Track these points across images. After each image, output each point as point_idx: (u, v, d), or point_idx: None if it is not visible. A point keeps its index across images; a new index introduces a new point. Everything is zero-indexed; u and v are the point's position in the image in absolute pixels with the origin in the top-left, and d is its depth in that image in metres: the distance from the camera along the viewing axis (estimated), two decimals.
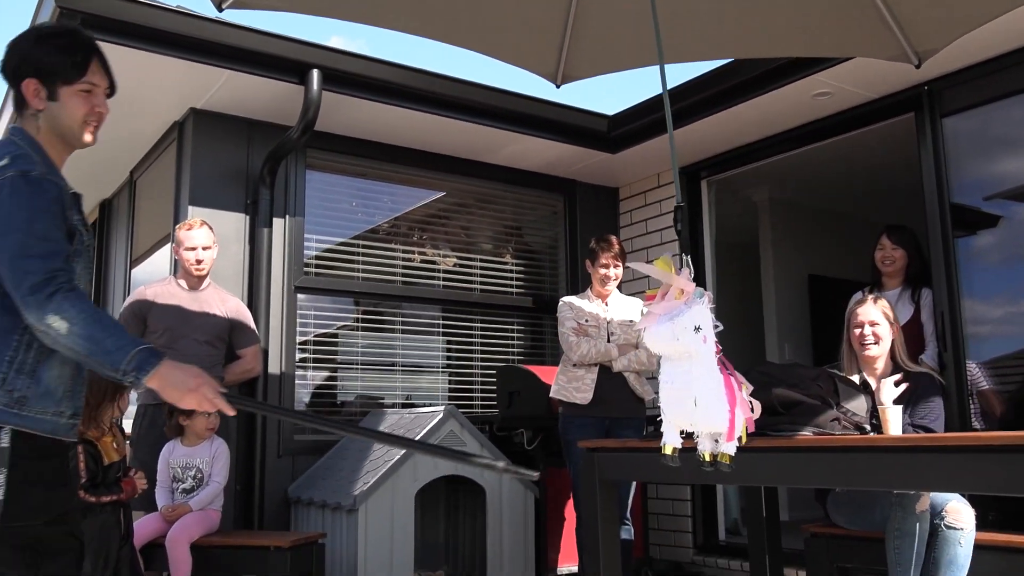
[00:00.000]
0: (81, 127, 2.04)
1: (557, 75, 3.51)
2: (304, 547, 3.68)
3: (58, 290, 1.83)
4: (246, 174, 4.80)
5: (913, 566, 3.14)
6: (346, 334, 5.22)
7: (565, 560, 4.75)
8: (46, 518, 1.87)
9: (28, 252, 1.84)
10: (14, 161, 1.92)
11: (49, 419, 1.91)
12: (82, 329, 1.82)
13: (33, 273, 1.83)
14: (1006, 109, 4.24)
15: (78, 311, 1.83)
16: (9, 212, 1.86)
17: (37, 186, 1.90)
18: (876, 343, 3.49)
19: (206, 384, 1.90)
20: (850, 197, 6.96)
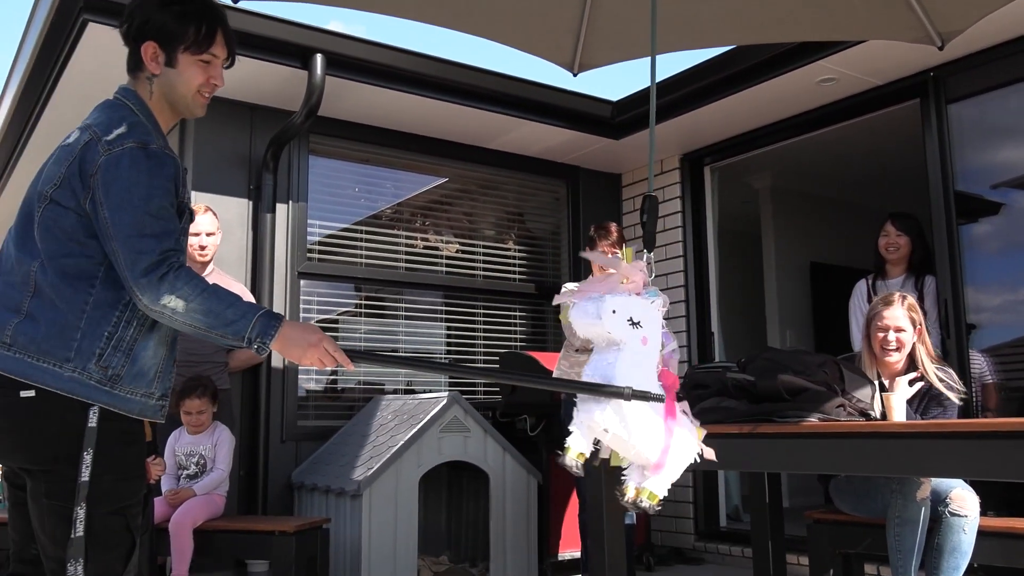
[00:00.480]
0: (195, 97, 2.00)
1: (574, 63, 3.47)
2: (309, 532, 3.69)
3: (169, 270, 1.80)
4: (249, 159, 4.79)
5: (915, 553, 3.15)
6: (349, 320, 5.22)
7: (567, 546, 4.77)
8: (108, 508, 1.82)
9: (143, 231, 1.80)
10: (132, 130, 1.87)
11: (138, 400, 1.88)
12: (200, 304, 1.80)
13: (147, 254, 1.79)
14: (1012, 96, 4.23)
15: (192, 288, 1.80)
16: (128, 187, 1.81)
17: (157, 160, 1.85)
18: (898, 350, 3.37)
19: (325, 340, 1.87)
20: (852, 184, 6.95)
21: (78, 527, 1.77)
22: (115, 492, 1.83)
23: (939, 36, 3.29)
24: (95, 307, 1.83)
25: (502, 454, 4.40)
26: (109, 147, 1.83)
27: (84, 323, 1.82)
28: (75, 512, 1.77)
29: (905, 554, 3.15)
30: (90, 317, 1.83)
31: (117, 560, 1.84)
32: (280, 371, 4.70)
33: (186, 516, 3.63)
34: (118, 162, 1.82)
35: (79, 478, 1.77)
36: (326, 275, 5.03)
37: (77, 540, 1.76)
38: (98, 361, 1.81)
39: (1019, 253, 4.26)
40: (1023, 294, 4.23)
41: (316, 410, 4.98)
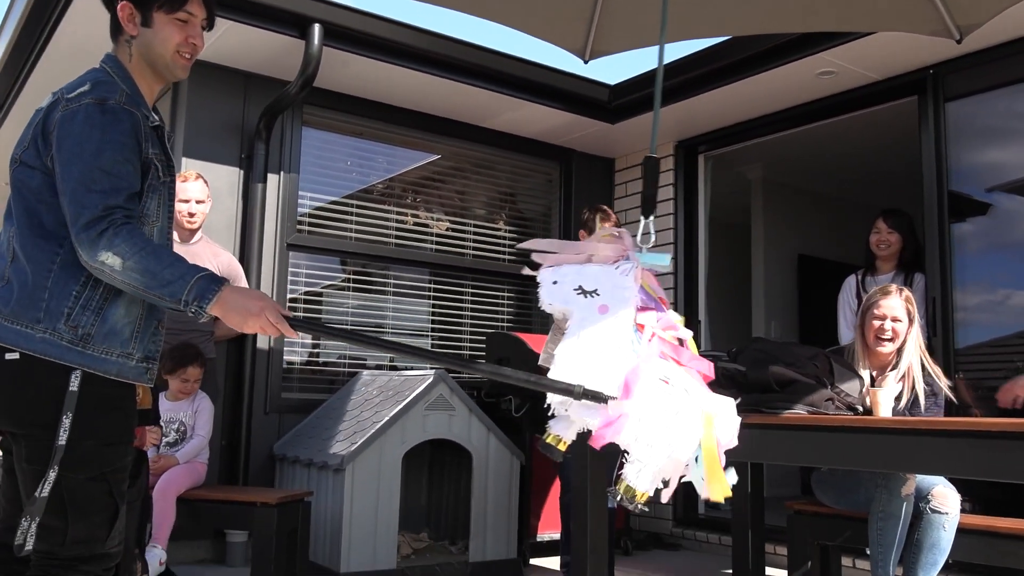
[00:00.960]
0: (174, 57, 1.97)
1: (586, 50, 3.43)
2: (291, 504, 3.68)
3: (110, 226, 1.76)
4: (242, 127, 4.73)
5: (895, 547, 3.18)
6: (336, 294, 5.19)
7: (546, 527, 4.79)
8: (89, 474, 1.80)
9: (89, 186, 1.77)
10: (94, 88, 1.85)
11: (115, 360, 1.84)
12: (137, 263, 1.75)
13: (89, 208, 1.76)
14: (1010, 96, 4.24)
15: (130, 245, 1.75)
16: (78, 142, 1.79)
17: (112, 115, 1.82)
18: (892, 339, 3.35)
19: (268, 307, 1.82)
20: (844, 179, 6.97)
21: (44, 488, 1.75)
22: (97, 457, 1.81)
23: (957, 29, 3.25)
24: (62, 267, 1.81)
25: (486, 434, 4.39)
26: (68, 104, 1.83)
27: (51, 283, 1.80)
28: (46, 474, 1.75)
29: (886, 548, 3.18)
30: (57, 277, 1.81)
31: (99, 526, 1.82)
32: (266, 342, 4.67)
33: (170, 484, 3.61)
34: (73, 117, 1.81)
35: (56, 441, 1.75)
36: (315, 248, 4.99)
37: (40, 500, 1.74)
38: (67, 321, 1.79)
39: (1006, 254, 4.28)
40: (1007, 295, 4.26)
41: (300, 383, 4.95)
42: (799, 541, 3.72)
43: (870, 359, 3.43)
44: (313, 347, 5.13)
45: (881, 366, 3.44)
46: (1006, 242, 4.27)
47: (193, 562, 4.37)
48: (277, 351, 4.73)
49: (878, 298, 3.40)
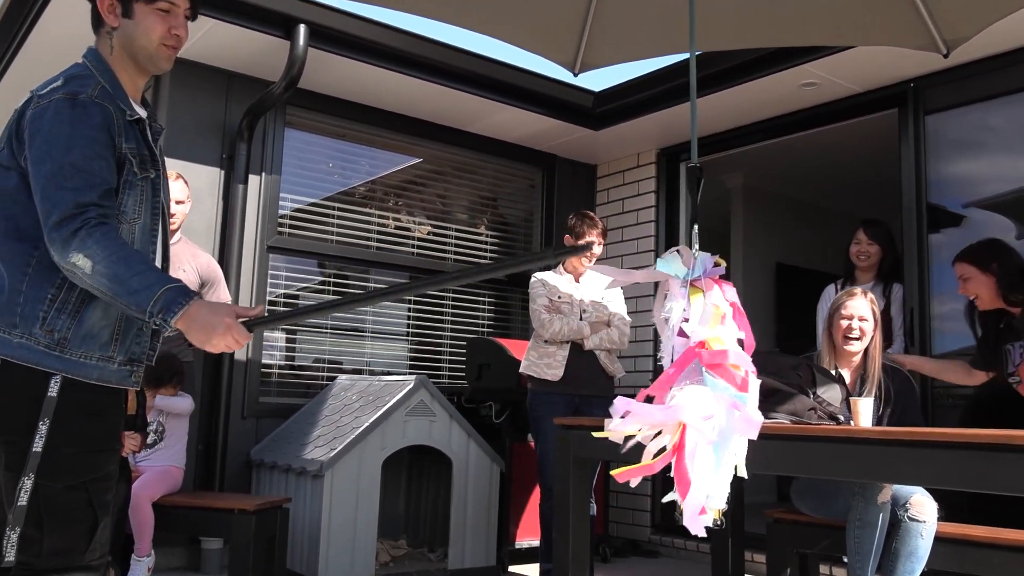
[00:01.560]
0: (157, 49, 1.91)
1: (576, 63, 3.44)
2: (269, 511, 3.63)
3: (83, 226, 1.69)
4: (223, 127, 4.69)
5: (872, 555, 3.20)
6: (316, 297, 5.15)
7: (525, 534, 4.77)
8: (68, 482, 1.74)
9: (60, 184, 1.71)
10: (67, 82, 1.79)
11: (95, 364, 1.79)
12: (105, 268, 1.68)
13: (61, 206, 1.69)
14: (988, 111, 4.29)
15: (102, 248, 1.68)
16: (47, 139, 1.73)
17: (82, 110, 1.76)
18: (859, 338, 3.46)
19: (235, 327, 1.76)
20: (823, 189, 7.03)
21: (21, 496, 1.70)
22: (76, 466, 1.75)
23: (944, 43, 3.31)
24: (37, 270, 1.76)
25: (467, 440, 4.38)
26: (39, 100, 1.78)
27: (26, 286, 1.75)
28: (21, 481, 1.70)
29: (863, 556, 3.20)
30: (32, 280, 1.76)
31: (79, 537, 1.76)
32: (244, 346, 4.62)
33: (144, 490, 3.55)
34: (43, 114, 1.76)
35: (31, 448, 1.70)
36: (296, 250, 4.95)
37: (18, 509, 1.70)
38: (42, 325, 1.74)
39: None
40: None
41: (278, 387, 4.91)
42: (778, 549, 3.73)
43: (838, 359, 3.53)
44: (291, 351, 5.08)
45: (849, 366, 3.54)
46: None
47: (167, 570, 4.31)
48: (255, 355, 4.68)
49: (845, 299, 3.54)
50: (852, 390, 3.47)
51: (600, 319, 4.24)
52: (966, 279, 3.40)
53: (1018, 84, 4.13)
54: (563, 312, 4.20)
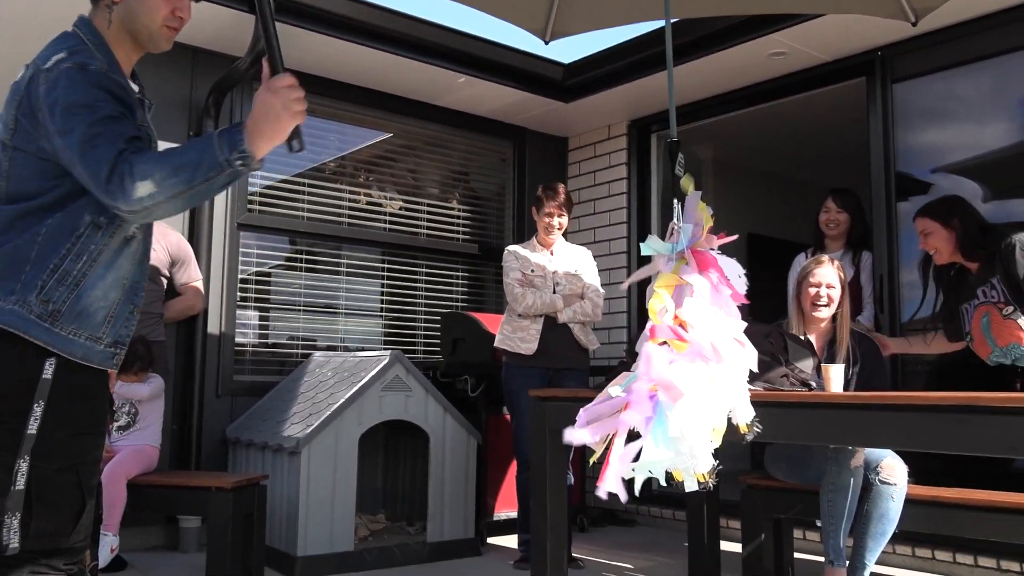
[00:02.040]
0: (160, 29, 1.86)
1: (546, 31, 3.41)
2: (246, 489, 3.62)
3: (123, 163, 1.64)
4: (189, 104, 4.62)
5: (845, 518, 3.27)
6: (288, 274, 5.12)
7: (502, 506, 4.81)
8: (59, 465, 1.71)
9: (95, 142, 1.65)
10: (72, 54, 1.74)
11: (82, 343, 1.75)
12: (164, 169, 1.62)
13: (102, 163, 1.64)
14: (955, 78, 4.33)
15: (146, 160, 1.63)
16: (68, 106, 1.68)
17: (95, 77, 1.72)
18: (827, 305, 3.53)
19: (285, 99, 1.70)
20: (794, 160, 7.08)
21: (19, 480, 1.68)
22: (68, 448, 1.74)
23: (913, 12, 3.33)
24: (46, 238, 1.72)
25: (443, 414, 4.39)
26: (47, 74, 1.73)
27: (34, 254, 1.71)
28: (17, 464, 1.67)
29: (836, 519, 3.26)
30: (40, 248, 1.72)
31: (66, 520, 1.74)
32: (217, 323, 4.59)
33: (119, 468, 3.53)
34: (55, 84, 1.71)
35: (25, 430, 1.68)
36: (266, 227, 4.91)
37: (16, 493, 1.67)
38: (39, 293, 1.70)
39: None
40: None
41: (253, 365, 4.88)
42: (752, 515, 3.79)
43: (806, 325, 3.59)
44: (264, 329, 5.05)
45: (819, 332, 3.59)
46: None
47: (145, 549, 4.30)
48: (228, 333, 4.65)
49: (812, 267, 3.60)
50: (821, 355, 3.52)
51: (573, 291, 4.25)
52: (927, 234, 3.46)
53: (984, 51, 4.17)
54: (536, 285, 4.20)
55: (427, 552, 4.23)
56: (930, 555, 4.12)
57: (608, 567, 4.21)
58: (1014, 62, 4.11)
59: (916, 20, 3.39)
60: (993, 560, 3.90)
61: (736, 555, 3.94)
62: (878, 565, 4.10)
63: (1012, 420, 2.12)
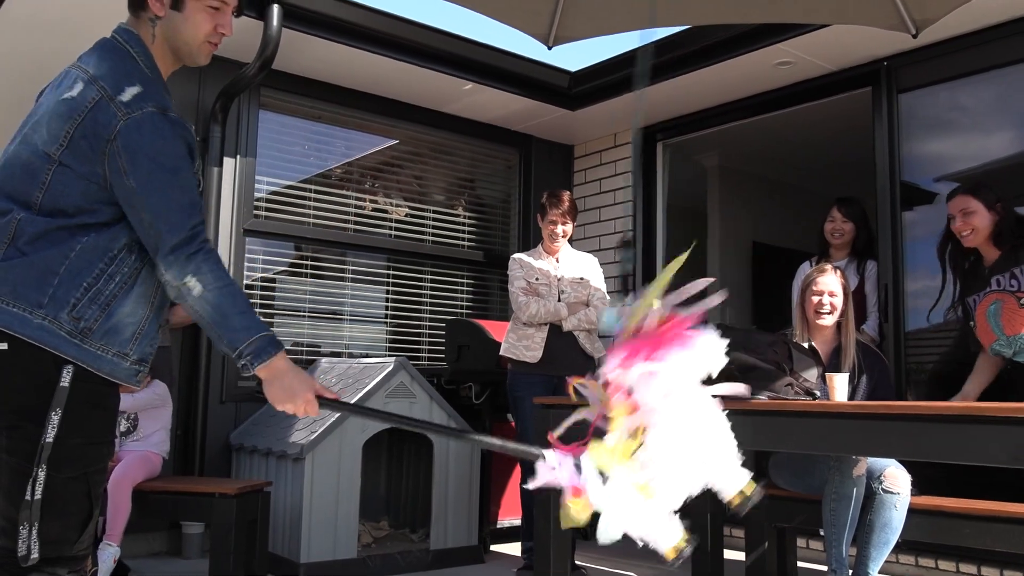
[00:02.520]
0: (201, 45, 1.89)
1: (550, 36, 3.42)
2: (250, 495, 3.64)
3: (199, 250, 1.73)
4: (197, 110, 4.64)
5: (848, 528, 3.26)
6: (293, 280, 5.13)
7: (507, 514, 4.81)
8: (71, 473, 1.72)
9: (173, 205, 1.73)
10: (147, 90, 1.76)
11: (110, 359, 1.77)
12: (214, 297, 1.73)
13: (179, 229, 1.72)
14: (960, 89, 4.34)
15: (215, 277, 1.74)
16: (154, 156, 1.72)
17: (180, 129, 1.77)
18: (831, 313, 3.56)
19: (312, 404, 1.83)
20: (799, 167, 7.07)
21: (37, 489, 1.68)
22: (81, 456, 1.74)
23: (913, 24, 3.35)
24: (80, 256, 1.74)
25: (447, 421, 4.39)
26: (128, 111, 1.73)
27: (64, 270, 1.72)
28: (35, 472, 1.68)
29: (839, 528, 3.26)
30: (71, 265, 1.73)
31: (72, 528, 1.74)
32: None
33: (124, 476, 3.54)
34: (139, 128, 1.72)
35: (43, 438, 1.68)
36: (272, 233, 4.93)
37: (34, 503, 1.68)
38: (71, 311, 1.71)
39: None
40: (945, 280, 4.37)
41: None
42: (756, 523, 3.80)
43: (811, 333, 3.62)
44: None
45: (823, 340, 3.60)
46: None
47: (148, 555, 4.31)
48: None
49: (815, 276, 3.63)
50: (826, 364, 3.53)
51: (579, 299, 4.25)
52: (970, 212, 3.40)
53: (989, 63, 4.18)
54: (540, 294, 4.20)
55: (430, 559, 4.24)
56: (933, 565, 4.11)
57: (611, 575, 4.20)
58: (1018, 74, 4.11)
59: (916, 32, 3.41)
60: (996, 570, 3.89)
61: (740, 563, 3.93)
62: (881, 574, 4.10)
63: (1013, 430, 2.12)
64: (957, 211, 3.45)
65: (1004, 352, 3.38)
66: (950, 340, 4.40)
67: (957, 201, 3.47)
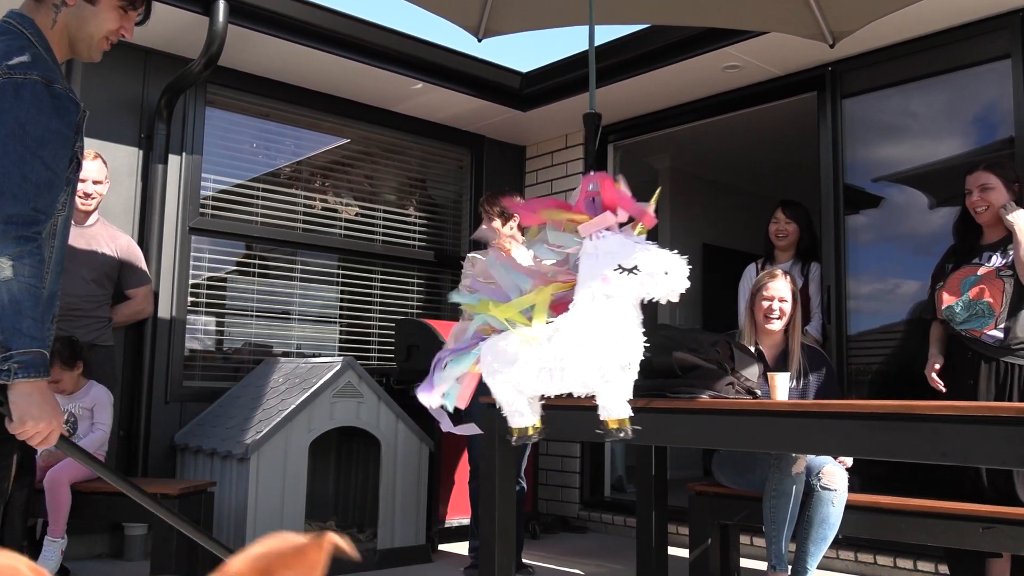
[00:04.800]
0: (100, 41, 1.87)
1: (480, 28, 3.45)
2: (193, 495, 3.58)
3: (34, 239, 1.67)
4: (141, 106, 4.56)
5: (787, 524, 3.32)
6: (241, 279, 5.07)
7: (454, 513, 4.80)
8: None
9: (25, 174, 1.67)
10: (35, 62, 1.72)
11: None
12: (19, 291, 1.66)
13: (21, 201, 1.66)
14: (902, 94, 4.44)
15: (31, 273, 1.67)
16: (23, 122, 1.67)
17: (61, 104, 1.72)
18: (780, 318, 3.61)
19: (56, 431, 1.73)
20: (748, 171, 7.18)
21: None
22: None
23: (831, 35, 3.46)
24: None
25: (395, 421, 4.38)
26: (10, 71, 1.71)
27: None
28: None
29: (779, 524, 3.32)
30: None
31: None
32: (167, 329, 4.53)
33: (63, 472, 3.47)
34: (18, 91, 1.69)
35: None
36: (219, 232, 4.86)
37: None
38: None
39: (895, 245, 4.50)
40: (896, 284, 4.48)
41: (203, 370, 4.83)
42: (699, 521, 3.84)
43: (759, 336, 3.67)
44: (216, 334, 5.00)
45: (771, 344, 3.66)
46: (896, 234, 4.48)
47: (89, 557, 4.23)
48: (178, 338, 4.60)
49: (766, 281, 3.67)
50: (773, 366, 3.59)
51: None
52: (990, 188, 3.35)
53: (931, 68, 4.28)
54: None
55: (377, 559, 4.22)
56: (872, 560, 4.20)
57: (558, 573, 4.23)
58: (960, 79, 4.22)
59: (834, 43, 3.53)
60: (932, 564, 3.99)
61: (683, 560, 3.98)
62: (822, 570, 4.18)
63: (941, 427, 2.17)
64: (975, 186, 3.39)
65: (954, 317, 3.35)
66: (894, 343, 4.51)
67: (977, 176, 3.40)
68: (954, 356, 3.42)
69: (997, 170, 3.41)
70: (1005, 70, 4.03)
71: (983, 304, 3.28)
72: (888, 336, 4.53)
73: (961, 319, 3.34)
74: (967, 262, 3.41)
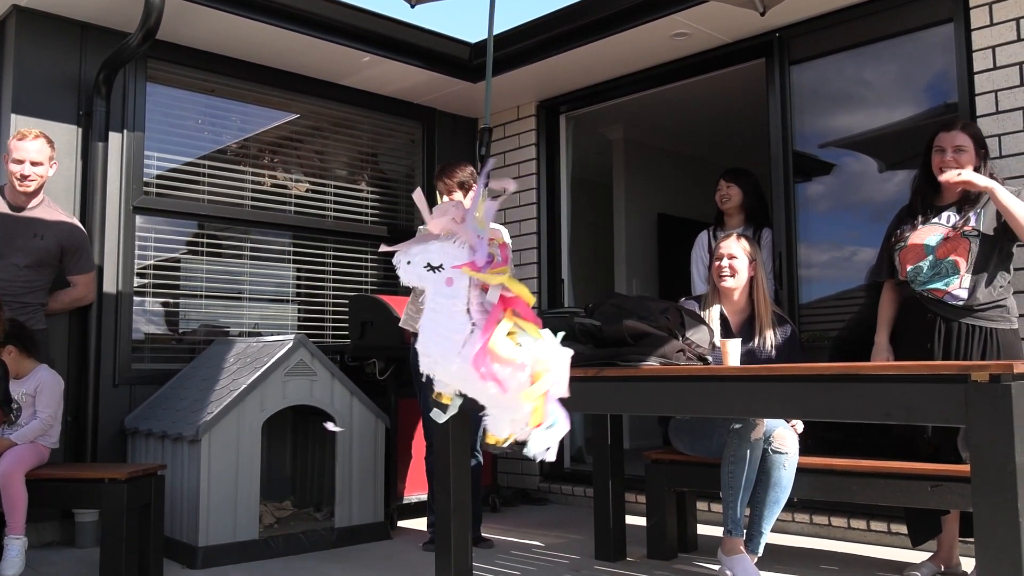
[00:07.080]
0: None
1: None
2: (142, 479, 3.52)
3: None
4: (79, 82, 4.42)
5: (743, 489, 3.35)
6: (190, 259, 4.97)
7: (413, 489, 4.78)
8: None
9: None
10: None
11: None
12: None
13: None
14: (849, 60, 4.45)
15: None
16: None
17: None
18: (732, 276, 3.64)
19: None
20: (701, 140, 7.20)
21: None
22: None
23: (761, 3, 3.46)
24: None
25: (349, 398, 4.33)
26: None
27: None
28: None
29: (735, 490, 3.35)
30: None
31: None
32: (112, 312, 4.43)
33: (16, 465, 3.38)
34: None
35: None
36: (165, 211, 4.75)
37: None
38: None
39: (846, 212, 4.53)
40: (847, 251, 4.51)
41: (153, 353, 4.74)
42: (656, 489, 3.88)
43: (722, 300, 3.70)
44: (165, 315, 4.90)
45: (733, 310, 3.69)
46: (847, 202, 4.51)
47: (40, 546, 4.14)
48: (125, 320, 4.49)
49: (719, 241, 3.77)
50: (738, 332, 3.60)
51: None
52: (963, 150, 3.32)
53: (877, 33, 4.29)
54: None
55: (335, 537, 4.19)
56: (826, 522, 4.26)
57: (517, 545, 4.24)
58: (908, 43, 4.24)
59: (764, 11, 3.53)
60: (884, 524, 4.07)
61: (641, 528, 4.01)
62: (779, 534, 4.24)
63: (885, 387, 2.19)
64: (950, 145, 3.33)
65: (919, 276, 3.33)
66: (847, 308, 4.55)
67: (954, 136, 3.34)
68: (912, 318, 3.40)
69: (972, 134, 3.38)
70: (949, 34, 4.06)
71: (948, 262, 3.29)
72: (842, 302, 4.58)
73: (925, 279, 3.32)
74: (926, 222, 3.39)
